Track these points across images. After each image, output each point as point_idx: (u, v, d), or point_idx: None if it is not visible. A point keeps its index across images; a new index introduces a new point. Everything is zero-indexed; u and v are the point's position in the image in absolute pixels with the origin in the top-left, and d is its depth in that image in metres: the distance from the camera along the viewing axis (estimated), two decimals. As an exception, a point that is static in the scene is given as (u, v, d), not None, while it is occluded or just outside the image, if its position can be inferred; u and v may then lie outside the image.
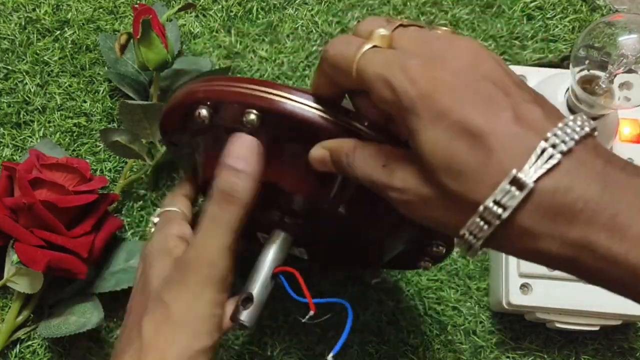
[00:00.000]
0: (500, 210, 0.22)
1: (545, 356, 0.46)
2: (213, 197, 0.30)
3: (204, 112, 0.31)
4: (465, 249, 0.24)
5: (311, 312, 0.39)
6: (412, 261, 0.38)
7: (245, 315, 0.32)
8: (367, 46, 0.25)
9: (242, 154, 0.30)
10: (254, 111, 0.29)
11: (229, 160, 0.30)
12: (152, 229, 0.37)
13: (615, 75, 0.38)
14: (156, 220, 0.37)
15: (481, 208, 0.22)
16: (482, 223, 0.23)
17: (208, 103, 0.31)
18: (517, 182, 0.21)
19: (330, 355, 0.31)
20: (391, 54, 0.25)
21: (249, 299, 0.32)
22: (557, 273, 0.43)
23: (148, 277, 0.32)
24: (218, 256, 0.30)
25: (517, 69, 0.48)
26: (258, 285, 0.33)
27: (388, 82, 0.24)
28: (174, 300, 0.30)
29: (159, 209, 0.38)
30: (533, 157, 0.21)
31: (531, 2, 0.54)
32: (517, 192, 0.21)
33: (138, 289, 0.33)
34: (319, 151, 0.29)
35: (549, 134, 0.22)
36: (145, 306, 0.31)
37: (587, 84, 0.40)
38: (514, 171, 0.22)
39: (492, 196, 0.22)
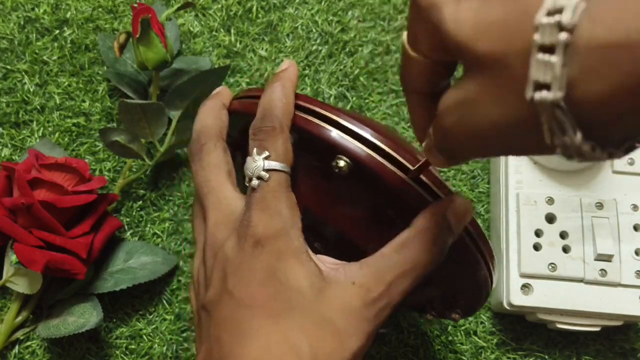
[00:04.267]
0: (558, 17, 0.16)
1: (547, 357, 0.46)
2: (431, 240, 0.27)
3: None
4: (558, 131, 0.17)
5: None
6: (421, 309, 0.37)
7: None
8: None
9: (464, 220, 0.28)
10: (345, 159, 0.27)
11: (455, 213, 0.27)
12: (255, 183, 0.27)
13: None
14: (264, 174, 0.27)
15: (536, 37, 0.16)
16: (545, 57, 0.16)
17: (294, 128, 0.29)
18: None
19: None
20: None
21: None
22: (558, 273, 0.42)
23: (289, 277, 0.26)
24: (402, 296, 0.27)
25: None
26: None
27: None
28: (354, 332, 0.26)
29: (259, 157, 0.27)
30: None
31: (532, 1, 0.54)
32: None
33: (260, 278, 0.26)
34: None
35: None
36: (292, 314, 0.26)
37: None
38: None
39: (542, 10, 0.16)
